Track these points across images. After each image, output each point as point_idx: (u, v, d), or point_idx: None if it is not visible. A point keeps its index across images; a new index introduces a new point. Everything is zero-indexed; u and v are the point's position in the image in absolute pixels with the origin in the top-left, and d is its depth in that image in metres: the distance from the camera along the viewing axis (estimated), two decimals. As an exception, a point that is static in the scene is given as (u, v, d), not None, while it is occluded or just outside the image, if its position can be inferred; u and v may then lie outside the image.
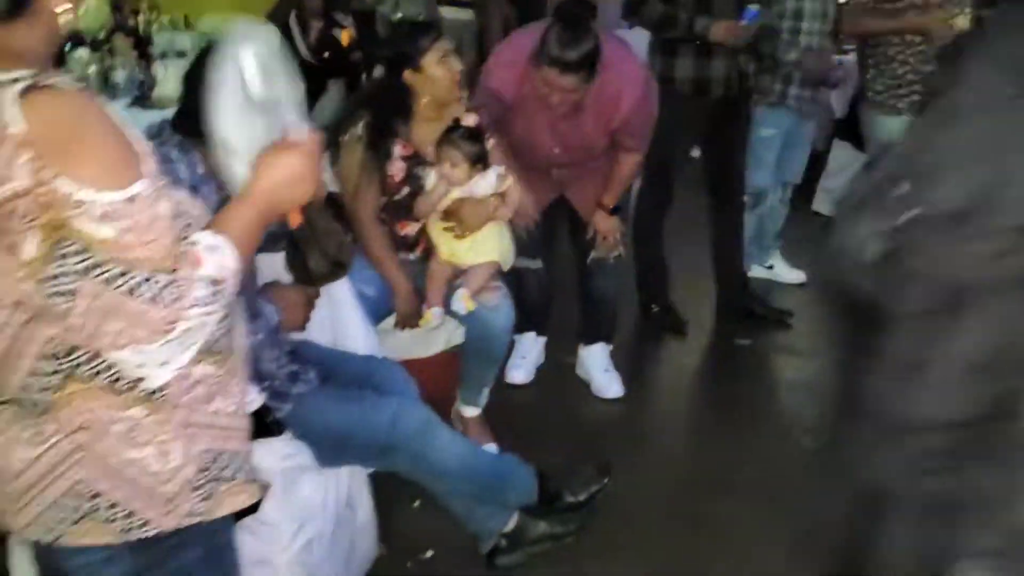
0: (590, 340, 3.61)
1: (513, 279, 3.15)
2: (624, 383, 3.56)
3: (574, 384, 3.63)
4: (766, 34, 3.84)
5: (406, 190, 2.83)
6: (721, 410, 3.59)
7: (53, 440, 1.25)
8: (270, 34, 1.44)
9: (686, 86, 3.75)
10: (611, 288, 3.52)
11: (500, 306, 2.87)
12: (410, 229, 2.91)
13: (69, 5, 1.25)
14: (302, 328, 2.32)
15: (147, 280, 1.16)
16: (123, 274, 1.15)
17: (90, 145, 1.15)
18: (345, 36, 6.19)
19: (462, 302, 2.80)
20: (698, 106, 3.79)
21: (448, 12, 7.43)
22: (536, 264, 3.42)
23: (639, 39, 3.81)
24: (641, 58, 3.52)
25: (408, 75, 2.79)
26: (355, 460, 2.27)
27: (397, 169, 2.80)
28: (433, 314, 2.87)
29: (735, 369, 3.95)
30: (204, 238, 1.25)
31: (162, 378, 1.23)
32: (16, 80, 1.15)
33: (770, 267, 4.70)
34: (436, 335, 3.06)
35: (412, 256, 2.93)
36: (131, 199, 1.15)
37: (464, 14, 7.74)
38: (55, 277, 1.14)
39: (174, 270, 1.18)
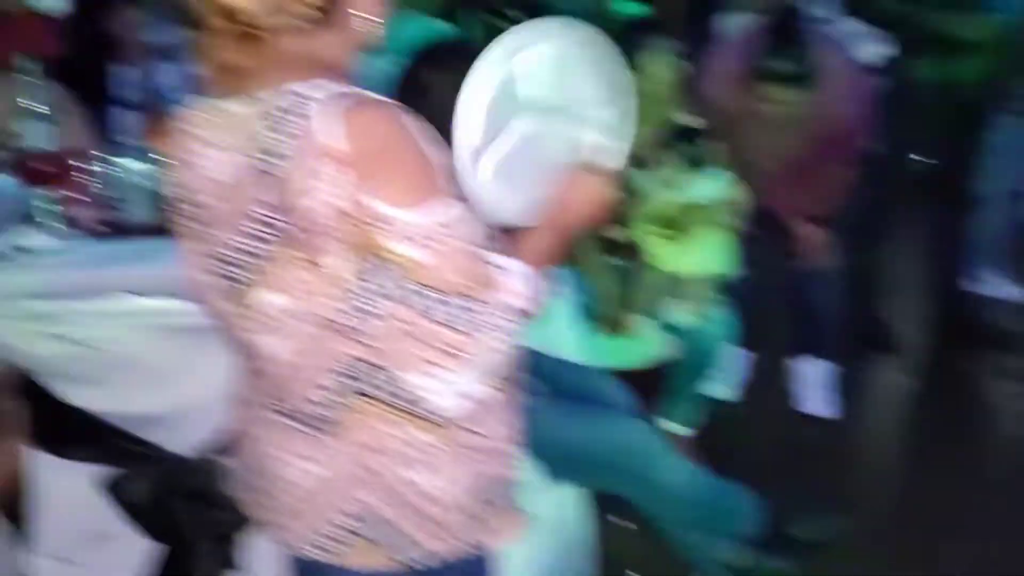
0: (802, 354, 3.40)
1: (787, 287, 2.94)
2: (837, 401, 3.35)
3: (785, 401, 3.42)
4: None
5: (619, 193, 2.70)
6: (944, 438, 3.32)
7: (336, 458, 1.21)
8: (579, 34, 1.34)
9: (921, 88, 3.48)
10: (824, 299, 3.33)
11: (719, 320, 2.71)
12: (620, 233, 2.78)
13: (377, 12, 1.19)
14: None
15: (450, 304, 1.10)
16: (427, 297, 1.09)
17: (403, 164, 1.11)
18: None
19: (679, 314, 2.65)
20: (932, 109, 3.51)
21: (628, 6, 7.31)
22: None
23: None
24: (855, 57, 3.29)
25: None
26: (582, 478, 2.17)
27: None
28: (644, 324, 2.74)
29: (957, 393, 3.65)
30: (503, 262, 1.19)
31: (450, 402, 1.17)
32: (338, 94, 1.10)
33: (996, 282, 4.31)
34: (640, 345, 2.92)
35: (622, 262, 2.80)
36: (439, 220, 1.10)
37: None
38: (360, 296, 1.10)
39: (476, 295, 1.12)
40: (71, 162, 2.47)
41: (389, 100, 1.14)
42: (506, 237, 1.27)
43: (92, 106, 2.96)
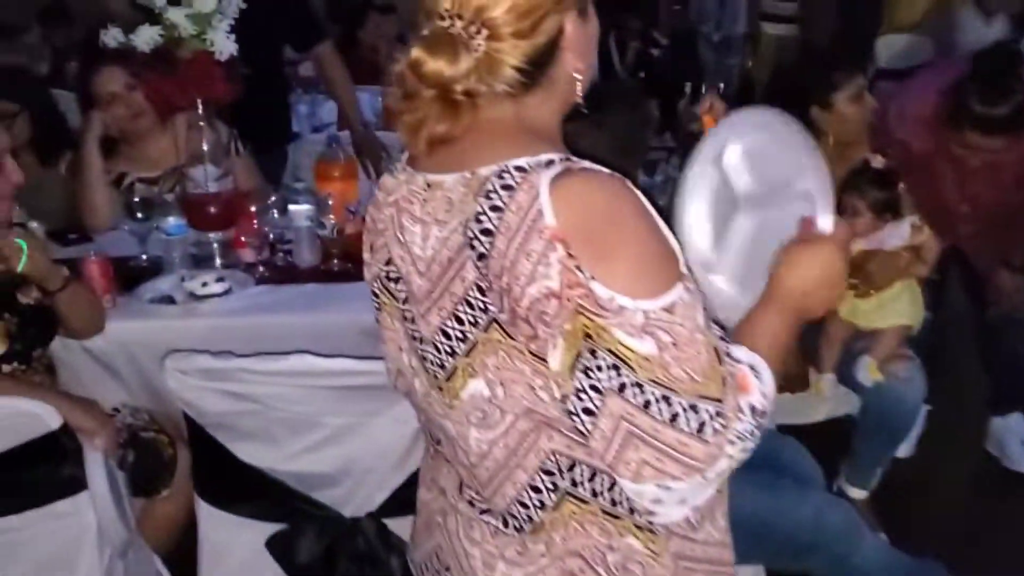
0: (1004, 409, 3.10)
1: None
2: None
3: (977, 459, 3.13)
4: None
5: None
6: None
7: (541, 562, 1.10)
8: (768, 118, 1.30)
9: None
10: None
11: (912, 378, 2.48)
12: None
13: (582, 69, 1.08)
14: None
15: (691, 408, 0.95)
16: (663, 399, 0.95)
17: (628, 241, 0.97)
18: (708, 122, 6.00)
19: (867, 371, 2.45)
20: None
21: (769, 28, 7.07)
22: None
23: None
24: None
25: (816, 112, 2.50)
26: (769, 558, 2.00)
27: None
28: (826, 381, 2.54)
29: None
30: (744, 356, 1.04)
31: (676, 515, 1.04)
32: (546, 163, 0.99)
33: None
34: (819, 403, 2.71)
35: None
36: (670, 307, 0.96)
37: (784, 29, 7.31)
38: (578, 392, 0.97)
39: (709, 392, 0.97)
40: (240, 205, 2.47)
41: (605, 169, 1.02)
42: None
43: (262, 149, 2.97)
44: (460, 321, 1.03)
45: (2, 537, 1.83)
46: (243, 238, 2.48)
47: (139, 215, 2.51)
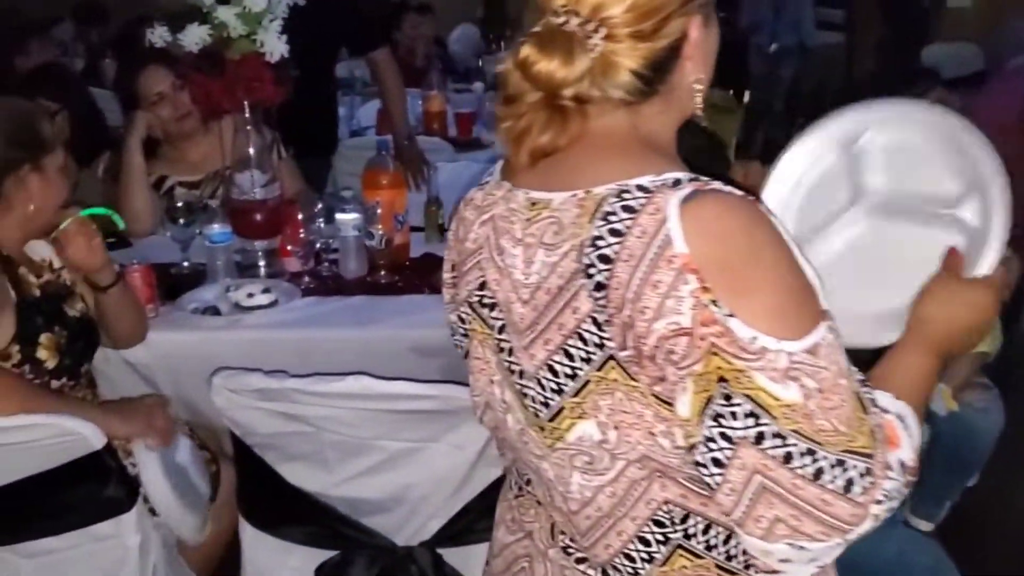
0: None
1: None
2: None
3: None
4: None
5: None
6: None
7: None
8: (925, 116, 1.14)
9: None
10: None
11: (988, 408, 2.36)
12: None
13: (705, 77, 0.98)
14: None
15: (838, 463, 0.85)
16: (808, 452, 0.84)
17: (768, 273, 0.86)
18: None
19: (942, 400, 2.33)
20: None
21: (820, 36, 6.95)
22: None
23: None
24: None
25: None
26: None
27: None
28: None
29: None
30: (890, 404, 0.94)
31: (804, 574, 0.93)
32: (673, 182, 0.89)
33: None
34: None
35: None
36: (813, 349, 0.85)
37: (833, 37, 7.20)
38: (707, 440, 0.86)
39: (856, 446, 0.85)
40: (287, 213, 2.38)
41: (737, 190, 0.91)
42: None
43: (305, 154, 2.88)
44: (570, 356, 0.93)
45: (41, 559, 1.75)
46: (289, 247, 2.39)
47: (181, 221, 2.42)
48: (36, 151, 1.82)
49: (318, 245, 2.44)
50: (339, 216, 2.38)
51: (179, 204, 2.44)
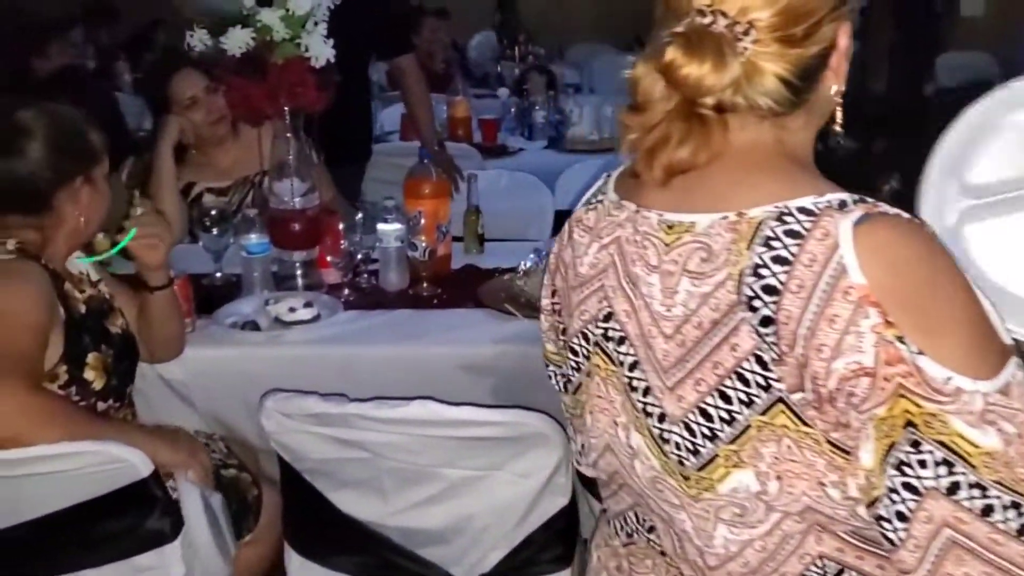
0: None
1: None
2: None
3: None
4: None
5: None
6: None
7: None
8: None
9: None
10: None
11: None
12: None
13: (841, 90, 0.90)
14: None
15: None
16: (1013, 505, 0.75)
17: (954, 306, 0.78)
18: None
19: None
20: None
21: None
22: None
23: None
24: None
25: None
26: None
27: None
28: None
29: None
30: None
31: None
32: (839, 203, 0.80)
33: None
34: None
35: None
36: (1005, 389, 0.76)
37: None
38: (890, 492, 0.77)
39: None
40: (327, 223, 2.29)
41: (904, 213, 0.82)
42: None
43: (338, 160, 2.78)
44: (727, 399, 0.84)
45: (78, 593, 1.65)
46: (328, 258, 2.30)
47: (215, 230, 2.33)
48: (87, 162, 1.73)
49: (358, 256, 2.35)
50: (381, 226, 2.29)
51: (212, 212, 2.35)
